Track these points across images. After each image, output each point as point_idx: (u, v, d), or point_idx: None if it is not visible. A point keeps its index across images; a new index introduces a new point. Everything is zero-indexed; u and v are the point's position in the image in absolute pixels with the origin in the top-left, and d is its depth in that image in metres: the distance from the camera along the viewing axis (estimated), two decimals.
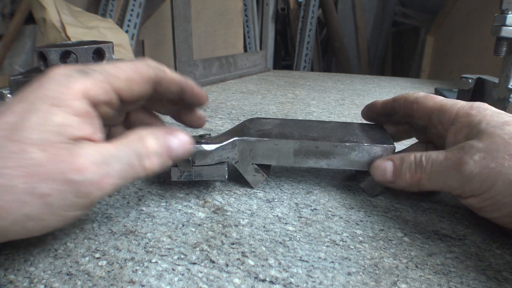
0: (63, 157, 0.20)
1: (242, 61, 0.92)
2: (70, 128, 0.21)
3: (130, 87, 0.24)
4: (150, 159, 0.23)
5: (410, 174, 0.28)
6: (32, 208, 0.19)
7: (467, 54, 1.40)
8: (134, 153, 0.22)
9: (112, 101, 0.24)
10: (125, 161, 0.22)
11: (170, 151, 0.24)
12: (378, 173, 0.30)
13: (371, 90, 0.80)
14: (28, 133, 0.20)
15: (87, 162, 0.20)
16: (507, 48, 0.54)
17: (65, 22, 0.97)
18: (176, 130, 0.25)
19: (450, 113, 0.28)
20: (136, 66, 0.25)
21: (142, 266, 0.23)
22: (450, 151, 0.26)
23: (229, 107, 0.63)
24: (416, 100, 0.31)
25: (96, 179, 0.20)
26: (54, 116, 0.20)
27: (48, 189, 0.19)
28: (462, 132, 0.27)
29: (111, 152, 0.21)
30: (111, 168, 0.21)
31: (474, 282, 0.22)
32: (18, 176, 0.19)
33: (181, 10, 0.71)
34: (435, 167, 0.26)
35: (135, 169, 0.22)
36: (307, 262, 0.24)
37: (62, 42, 0.50)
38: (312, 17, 2.09)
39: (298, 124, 0.35)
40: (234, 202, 0.31)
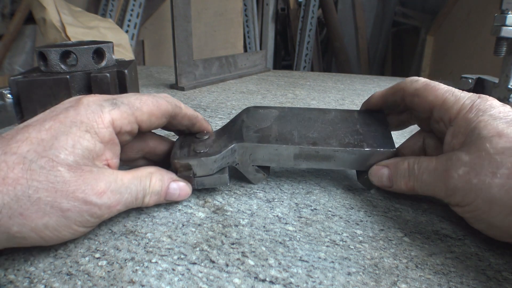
0: (87, 179, 0.23)
1: (242, 61, 0.92)
2: (94, 153, 0.24)
3: (150, 120, 0.27)
4: (150, 196, 0.27)
5: (404, 181, 0.28)
6: (50, 219, 0.21)
7: (467, 54, 1.40)
8: (142, 188, 0.26)
9: (133, 131, 0.27)
10: (133, 194, 0.25)
11: (167, 196, 0.28)
12: (375, 179, 0.30)
13: (371, 90, 0.80)
14: (59, 152, 0.22)
15: (106, 188, 0.23)
16: (507, 48, 0.54)
17: (65, 22, 0.97)
18: (181, 180, 0.29)
19: (451, 112, 0.27)
20: (158, 101, 0.28)
21: (142, 266, 0.23)
22: (439, 160, 0.26)
23: (229, 107, 0.63)
24: (416, 92, 0.30)
25: (110, 204, 0.24)
26: (84, 141, 0.23)
27: (69, 205, 0.22)
28: (458, 138, 0.26)
29: (125, 183, 0.25)
30: (122, 197, 0.25)
31: (474, 282, 0.22)
32: (44, 189, 0.21)
33: (181, 10, 0.71)
34: (425, 176, 0.27)
35: (137, 202, 0.26)
36: (307, 262, 0.24)
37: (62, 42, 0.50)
38: (312, 17, 2.09)
39: (298, 117, 0.33)
40: (234, 202, 0.31)
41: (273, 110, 0.34)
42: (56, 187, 0.21)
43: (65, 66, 0.36)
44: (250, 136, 0.31)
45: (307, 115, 0.34)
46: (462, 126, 0.26)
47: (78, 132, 0.23)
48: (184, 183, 0.29)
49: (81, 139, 0.23)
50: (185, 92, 0.74)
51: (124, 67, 0.39)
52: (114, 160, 0.26)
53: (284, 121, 0.33)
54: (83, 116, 0.24)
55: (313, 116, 0.34)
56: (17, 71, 1.54)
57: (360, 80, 0.94)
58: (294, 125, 0.33)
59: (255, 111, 0.34)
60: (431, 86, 0.29)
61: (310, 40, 2.12)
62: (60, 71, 0.36)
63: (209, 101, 0.67)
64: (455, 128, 0.27)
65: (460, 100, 0.27)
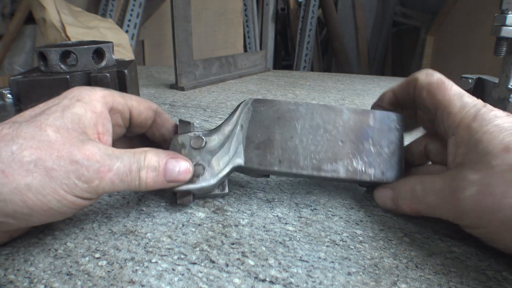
0: (74, 142, 0.22)
1: (242, 61, 0.92)
2: (86, 121, 0.24)
3: (139, 107, 0.29)
4: (146, 171, 0.25)
5: (407, 204, 0.27)
6: (34, 179, 0.20)
7: (467, 54, 1.40)
8: (136, 161, 0.24)
9: (125, 113, 0.28)
10: (126, 164, 0.24)
11: (166, 172, 0.26)
12: (379, 201, 0.30)
13: (371, 90, 0.80)
14: (47, 115, 0.22)
15: (94, 152, 0.22)
16: (507, 48, 0.54)
17: (65, 22, 0.97)
18: (181, 157, 0.27)
19: (453, 119, 0.26)
20: (145, 100, 0.30)
21: (142, 266, 0.23)
22: (444, 179, 0.25)
23: (229, 107, 0.63)
24: (428, 86, 0.28)
25: (100, 168, 0.22)
26: (74, 108, 0.23)
27: (54, 164, 0.21)
28: (460, 149, 0.25)
29: (116, 153, 0.24)
30: (114, 164, 0.23)
31: (474, 282, 0.22)
32: (29, 147, 0.20)
33: (181, 10, 0.71)
34: (429, 199, 0.25)
35: (132, 176, 0.24)
36: (307, 262, 0.24)
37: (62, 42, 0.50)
38: (312, 17, 2.09)
39: (304, 121, 0.30)
40: (234, 202, 0.31)
41: (276, 108, 0.30)
42: (42, 146, 0.21)
43: (65, 66, 0.36)
44: (250, 155, 0.29)
45: (316, 118, 0.30)
46: (465, 137, 0.25)
47: (69, 102, 0.24)
48: (184, 160, 0.27)
49: (71, 106, 0.23)
50: (185, 92, 0.74)
51: (124, 67, 0.39)
52: (106, 136, 0.26)
53: (288, 128, 0.29)
54: (75, 92, 0.25)
55: (321, 120, 0.30)
56: (17, 71, 1.54)
57: (360, 80, 0.94)
58: (299, 135, 0.29)
59: (256, 111, 0.30)
60: (444, 85, 0.27)
61: (310, 40, 2.12)
62: (60, 71, 0.36)
63: (209, 101, 0.67)
64: (457, 137, 0.25)
65: (465, 107, 0.25)
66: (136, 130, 0.31)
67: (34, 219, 0.21)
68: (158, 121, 0.31)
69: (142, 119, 0.29)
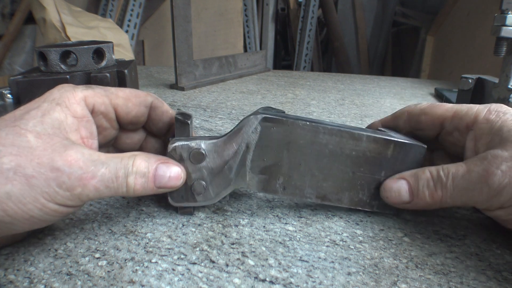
0: (56, 147, 0.21)
1: (242, 61, 0.92)
2: (67, 126, 0.23)
3: (126, 105, 0.27)
4: (134, 177, 0.23)
5: (429, 192, 0.25)
6: (14, 187, 0.19)
7: (467, 54, 1.40)
8: (123, 166, 0.23)
9: (109, 114, 0.26)
10: (112, 170, 0.22)
11: (156, 178, 0.24)
12: (391, 195, 0.27)
13: (371, 90, 0.80)
14: (27, 121, 0.21)
15: (77, 158, 0.21)
16: (507, 48, 0.54)
17: (65, 22, 0.97)
18: (172, 162, 0.25)
19: (468, 118, 0.26)
20: (136, 91, 0.27)
21: (142, 266, 0.23)
22: (471, 162, 0.24)
23: (229, 107, 0.63)
24: (423, 111, 0.29)
25: (82, 175, 0.21)
26: (54, 112, 0.22)
27: (34, 171, 0.20)
28: (482, 140, 0.25)
29: (102, 158, 0.22)
30: (98, 171, 0.22)
31: (474, 282, 0.22)
32: (8, 153, 0.20)
33: (181, 10, 0.71)
34: (457, 182, 0.24)
35: (119, 182, 0.23)
36: (307, 262, 0.24)
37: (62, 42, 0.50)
38: (312, 17, 2.09)
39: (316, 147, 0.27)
40: (234, 202, 0.31)
41: (288, 129, 0.27)
42: (21, 152, 0.20)
43: (65, 66, 0.36)
44: (254, 179, 0.28)
45: (330, 145, 0.27)
46: (485, 128, 0.25)
47: (49, 106, 0.23)
48: (175, 165, 0.25)
49: (51, 111, 0.22)
50: (185, 92, 0.74)
51: (124, 67, 0.39)
52: (91, 140, 0.25)
53: (298, 154, 0.27)
54: (55, 94, 0.24)
55: (336, 147, 0.27)
56: (17, 71, 1.54)
57: (360, 80, 0.94)
58: (309, 164, 0.27)
59: (264, 131, 0.27)
60: (437, 104, 0.29)
61: (310, 40, 2.12)
62: (60, 71, 0.36)
63: (209, 101, 0.67)
64: (477, 131, 0.26)
65: (472, 107, 0.27)
66: (129, 128, 0.29)
67: (16, 227, 0.21)
68: (153, 116, 0.29)
69: (131, 117, 0.27)
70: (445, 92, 0.74)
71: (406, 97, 0.74)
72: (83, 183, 0.21)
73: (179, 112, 0.28)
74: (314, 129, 0.27)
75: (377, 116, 0.59)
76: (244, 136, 0.27)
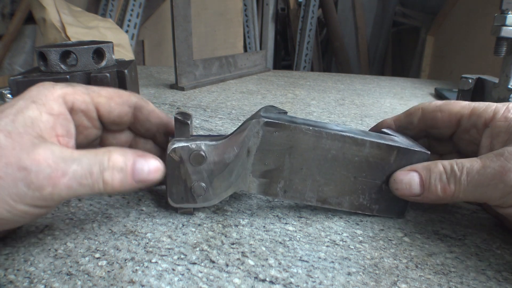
0: (24, 146, 0.20)
1: (242, 61, 0.92)
2: (41, 124, 0.22)
3: (109, 104, 0.26)
4: (111, 172, 0.22)
5: (441, 186, 0.25)
6: None
7: (467, 54, 1.40)
8: (97, 162, 0.22)
9: (90, 113, 0.25)
10: (85, 167, 0.21)
11: (134, 173, 0.23)
12: (402, 186, 0.26)
13: (371, 90, 0.80)
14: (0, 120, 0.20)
15: (46, 156, 0.20)
16: (507, 48, 0.54)
17: (65, 22, 0.97)
18: (149, 156, 0.24)
19: (486, 115, 0.26)
20: (120, 91, 0.27)
21: (142, 266, 0.23)
22: (487, 158, 0.24)
23: (229, 107, 0.63)
24: (439, 108, 0.29)
25: (51, 174, 0.20)
26: (28, 110, 0.22)
27: (1, 172, 0.19)
28: (499, 138, 0.25)
29: (74, 155, 0.21)
30: (69, 168, 0.21)
31: (474, 282, 0.22)
32: None
33: (181, 10, 0.71)
34: (471, 177, 0.23)
35: (94, 178, 0.22)
36: (307, 262, 0.24)
37: (62, 42, 0.50)
38: (312, 17, 2.09)
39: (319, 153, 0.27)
40: (234, 202, 0.31)
41: (291, 134, 0.26)
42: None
43: (65, 66, 0.36)
44: (255, 183, 0.27)
45: (333, 150, 0.27)
46: (503, 126, 0.25)
47: (23, 103, 0.22)
48: (153, 158, 0.24)
49: (25, 109, 0.21)
50: (185, 92, 0.74)
51: (124, 67, 0.39)
52: (67, 139, 0.23)
53: (300, 159, 0.27)
54: (32, 91, 0.23)
55: (339, 152, 0.27)
56: (17, 71, 1.54)
57: (360, 80, 0.94)
58: (311, 168, 0.27)
59: (266, 136, 0.26)
60: (453, 101, 0.29)
61: (310, 40, 2.12)
62: (60, 71, 0.36)
63: (209, 101, 0.67)
64: (494, 129, 0.26)
65: (490, 105, 0.27)
66: (113, 129, 0.28)
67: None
68: (139, 116, 0.28)
69: (114, 117, 0.26)
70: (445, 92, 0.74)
71: (406, 97, 0.74)
72: (53, 182, 0.20)
73: (178, 112, 0.27)
74: (317, 134, 0.26)
75: (377, 116, 0.59)
76: (245, 140, 0.26)
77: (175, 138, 0.27)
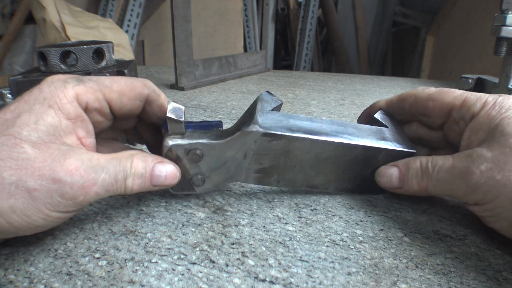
0: (55, 156, 0.21)
1: (242, 61, 0.92)
2: (62, 131, 0.22)
3: (121, 99, 0.25)
4: (132, 179, 0.24)
5: (416, 181, 0.27)
6: (17, 202, 0.19)
7: (467, 54, 1.40)
8: (122, 169, 0.23)
9: (103, 109, 0.25)
10: (112, 174, 0.23)
11: (153, 178, 0.25)
12: (383, 180, 0.29)
13: (371, 90, 0.80)
14: (21, 129, 0.20)
15: (78, 166, 0.21)
16: (507, 48, 0.54)
17: (65, 22, 0.97)
18: (167, 161, 0.26)
19: (474, 109, 0.26)
20: (132, 82, 0.26)
21: (142, 266, 0.23)
22: (457, 158, 0.25)
23: (229, 107, 0.63)
24: (431, 96, 0.29)
25: (84, 184, 0.21)
26: (48, 117, 0.22)
27: (36, 184, 0.20)
28: (478, 135, 0.26)
29: (101, 162, 0.22)
30: (99, 176, 0.22)
31: (474, 282, 0.22)
32: (7, 167, 0.19)
33: (181, 10, 0.71)
34: (441, 175, 0.25)
35: (118, 185, 0.23)
36: (307, 262, 0.24)
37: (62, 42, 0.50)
38: (312, 17, 2.09)
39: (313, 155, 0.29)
40: (234, 202, 0.31)
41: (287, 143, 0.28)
42: (21, 165, 0.20)
43: (65, 66, 0.36)
44: (251, 177, 0.30)
45: (327, 152, 0.29)
46: (484, 123, 0.25)
47: (41, 109, 0.22)
48: (171, 164, 0.26)
49: (44, 115, 0.21)
50: (185, 92, 0.74)
51: (124, 67, 0.39)
52: (89, 139, 0.24)
53: (294, 160, 0.29)
54: (46, 92, 0.23)
55: (332, 154, 0.29)
56: (17, 71, 1.54)
57: (360, 80, 0.94)
58: (303, 165, 0.29)
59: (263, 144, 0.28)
60: (446, 90, 0.29)
61: (310, 40, 2.12)
62: (60, 71, 0.36)
63: (209, 101, 0.67)
64: (475, 124, 0.26)
65: (482, 98, 0.27)
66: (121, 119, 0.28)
67: (19, 234, 0.21)
68: (148, 110, 0.28)
69: (125, 111, 0.26)
70: None
71: None
72: (85, 191, 0.21)
73: (171, 109, 0.27)
74: (312, 142, 0.28)
75: None
76: (243, 146, 0.28)
77: (169, 134, 0.27)
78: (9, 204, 0.19)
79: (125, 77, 0.26)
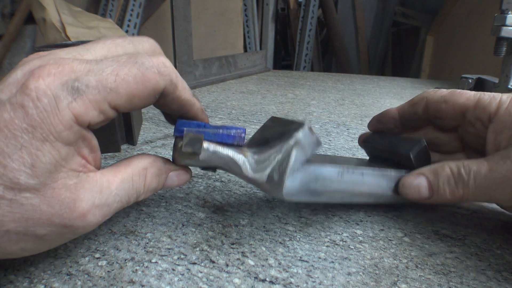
0: (63, 200, 0.19)
1: (242, 61, 0.92)
2: (63, 161, 0.19)
3: (131, 102, 0.20)
4: (145, 194, 0.23)
5: (450, 189, 0.25)
6: (26, 244, 0.19)
7: (467, 54, 1.40)
8: (135, 192, 0.22)
9: (109, 116, 0.21)
10: (124, 200, 0.21)
11: (165, 186, 0.24)
12: (411, 191, 0.26)
13: (371, 90, 0.80)
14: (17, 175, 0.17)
15: (89, 206, 0.19)
16: (507, 48, 0.54)
17: (65, 22, 0.97)
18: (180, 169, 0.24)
19: (489, 109, 0.25)
20: (145, 74, 0.20)
21: (142, 266, 0.23)
22: (493, 161, 0.23)
23: (229, 107, 0.63)
24: (443, 98, 0.28)
25: (96, 221, 0.20)
26: (45, 157, 0.18)
27: (45, 231, 0.19)
28: (503, 133, 0.24)
29: (113, 191, 0.21)
30: (111, 208, 0.21)
31: (474, 282, 0.22)
32: (11, 221, 0.18)
33: (181, 10, 0.71)
34: (479, 181, 0.24)
35: (129, 203, 0.22)
36: (307, 262, 0.24)
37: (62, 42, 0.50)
38: (312, 17, 2.09)
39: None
40: (234, 202, 0.31)
41: None
42: (26, 216, 0.18)
43: None
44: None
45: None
46: (507, 121, 0.24)
47: (33, 143, 0.17)
48: (183, 171, 0.25)
49: (40, 153, 0.17)
50: None
51: None
52: (93, 154, 0.21)
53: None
54: (33, 117, 0.17)
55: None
56: None
57: (360, 80, 0.94)
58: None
59: None
60: (459, 91, 0.27)
61: (310, 40, 2.12)
62: None
63: (209, 101, 0.67)
64: (497, 124, 0.25)
65: (496, 97, 0.25)
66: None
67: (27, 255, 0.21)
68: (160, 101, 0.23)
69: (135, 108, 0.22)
70: None
71: (406, 97, 0.74)
72: (97, 225, 0.21)
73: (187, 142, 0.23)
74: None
75: None
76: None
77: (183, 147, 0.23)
78: (19, 247, 0.19)
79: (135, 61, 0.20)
